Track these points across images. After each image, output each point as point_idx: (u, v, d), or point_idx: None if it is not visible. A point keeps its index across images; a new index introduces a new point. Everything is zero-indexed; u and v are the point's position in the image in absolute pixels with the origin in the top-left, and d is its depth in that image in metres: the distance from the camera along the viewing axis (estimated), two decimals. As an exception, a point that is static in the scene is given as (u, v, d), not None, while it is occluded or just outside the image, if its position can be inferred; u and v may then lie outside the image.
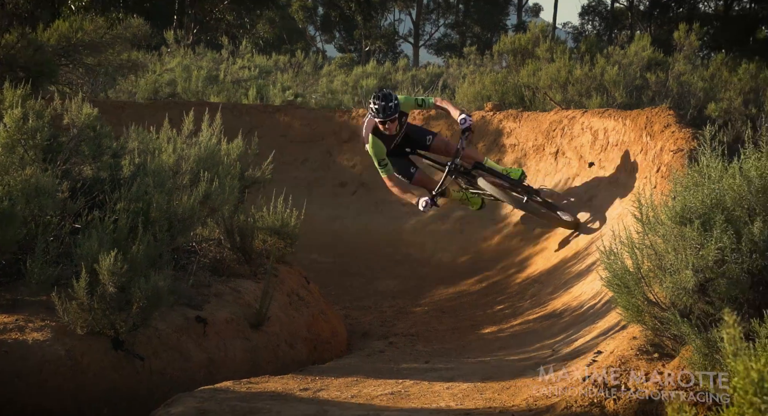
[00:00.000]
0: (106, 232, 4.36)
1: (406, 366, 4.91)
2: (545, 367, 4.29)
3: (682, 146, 5.63)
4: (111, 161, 5.13)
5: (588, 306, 5.34)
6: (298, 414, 3.59)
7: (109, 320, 4.20)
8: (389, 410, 3.70)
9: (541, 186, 7.45)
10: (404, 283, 7.82)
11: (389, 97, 6.68)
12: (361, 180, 9.32)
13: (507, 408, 3.54)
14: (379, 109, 6.64)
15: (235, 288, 5.21)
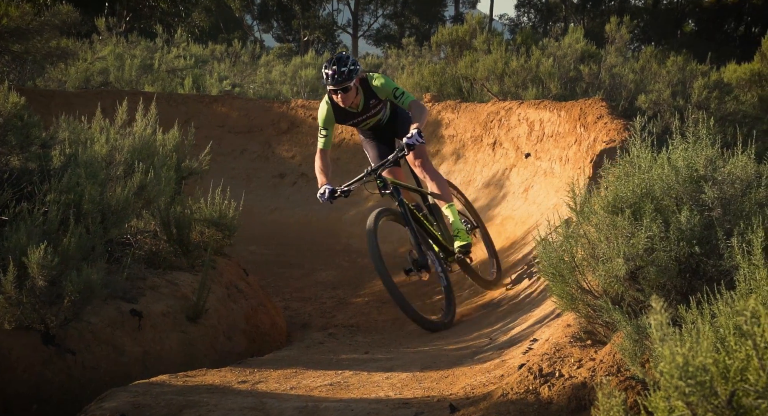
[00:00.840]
0: (36, 224, 4.24)
1: (345, 357, 4.92)
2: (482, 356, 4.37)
3: (614, 136, 5.77)
4: (40, 151, 4.98)
5: (524, 295, 5.43)
6: (235, 407, 3.55)
7: (39, 314, 4.09)
8: (328, 401, 3.70)
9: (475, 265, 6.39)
10: (344, 274, 7.82)
11: (343, 61, 5.68)
12: (301, 171, 9.28)
13: (445, 397, 3.57)
14: (330, 75, 5.68)
15: (171, 281, 5.13)
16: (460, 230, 5.84)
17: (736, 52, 19.37)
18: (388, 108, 6.01)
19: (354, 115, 5.88)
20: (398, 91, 5.75)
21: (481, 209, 7.74)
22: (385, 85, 5.79)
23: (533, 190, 7.18)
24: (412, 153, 5.80)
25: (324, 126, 5.83)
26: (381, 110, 5.95)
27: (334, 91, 5.64)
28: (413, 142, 5.37)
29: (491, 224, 7.42)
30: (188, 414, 3.46)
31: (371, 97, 5.85)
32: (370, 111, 5.88)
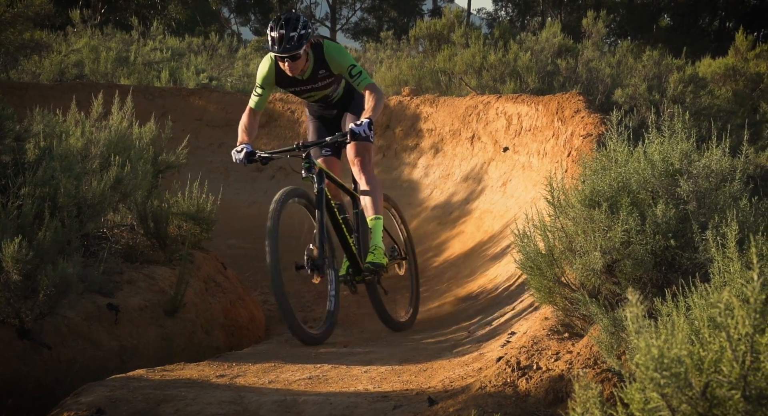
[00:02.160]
0: (10, 218, 4.19)
1: (324, 351, 4.92)
2: (461, 349, 4.39)
3: (591, 130, 5.81)
4: (14, 144, 4.92)
5: (503, 288, 5.46)
6: (213, 401, 3.54)
7: (14, 308, 4.05)
8: (307, 394, 3.70)
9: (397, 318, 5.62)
10: (322, 268, 7.79)
11: (292, 23, 4.83)
12: (279, 165, 9.24)
13: (424, 390, 3.59)
14: (276, 39, 4.84)
15: (149, 275, 5.10)
16: (378, 247, 5.07)
17: (710, 47, 19.58)
18: (341, 86, 5.26)
19: (298, 82, 5.08)
20: (354, 69, 4.96)
21: (460, 203, 7.78)
22: (339, 58, 4.98)
23: (511, 184, 7.21)
24: (353, 149, 5.11)
25: (261, 85, 5.11)
26: (331, 86, 5.17)
27: (280, 57, 4.86)
28: (359, 132, 4.69)
29: (470, 218, 7.44)
30: (166, 408, 3.45)
31: (321, 67, 5.04)
32: (317, 83, 5.11)
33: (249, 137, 5.00)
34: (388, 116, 9.08)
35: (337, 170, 5.31)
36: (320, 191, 4.88)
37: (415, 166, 8.63)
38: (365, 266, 5.06)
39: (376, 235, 5.13)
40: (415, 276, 5.88)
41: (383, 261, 5.08)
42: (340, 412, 3.38)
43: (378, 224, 5.15)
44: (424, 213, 8.10)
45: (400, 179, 8.64)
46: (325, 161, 5.22)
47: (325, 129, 5.41)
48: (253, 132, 5.06)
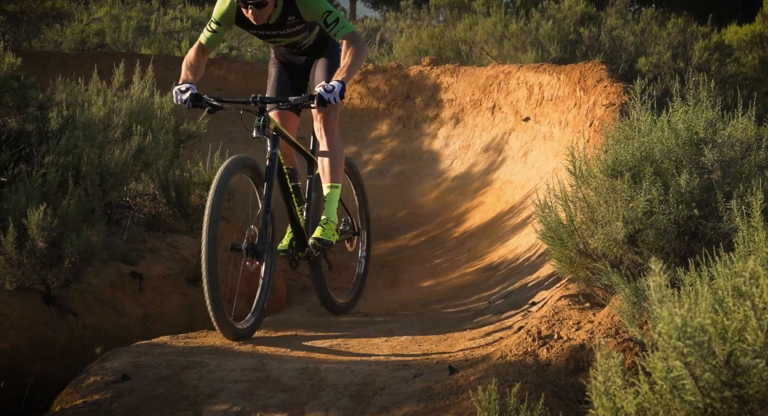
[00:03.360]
0: (34, 186, 4.24)
1: (345, 320, 4.96)
2: (481, 319, 4.41)
3: (614, 100, 5.74)
4: (37, 113, 4.96)
5: (523, 259, 5.45)
6: (236, 368, 3.59)
7: (40, 275, 4.11)
8: (328, 362, 3.74)
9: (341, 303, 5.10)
10: (342, 238, 7.82)
11: None
12: (299, 135, 9.23)
13: (444, 359, 3.61)
14: None
15: (171, 244, 5.15)
16: (330, 221, 4.41)
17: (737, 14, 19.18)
18: (314, 34, 4.54)
19: (262, 25, 4.38)
20: (330, 17, 4.25)
21: (480, 173, 7.74)
22: (312, 4, 4.29)
23: (532, 154, 7.16)
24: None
25: (218, 21, 4.39)
26: (300, 33, 4.47)
27: (243, 4, 4.19)
28: (329, 99, 4.04)
29: (490, 189, 7.42)
30: (190, 374, 3.50)
31: (291, 13, 4.35)
32: (285, 29, 4.40)
33: (194, 75, 4.29)
34: (408, 87, 9.03)
35: (293, 128, 4.65)
36: (273, 157, 4.12)
37: (436, 136, 8.60)
38: (311, 242, 4.36)
39: (330, 206, 4.44)
40: (365, 256, 5.24)
41: (332, 239, 4.38)
42: (362, 380, 3.41)
43: (334, 193, 4.47)
44: (445, 184, 8.08)
45: (420, 149, 8.62)
46: (280, 115, 4.55)
47: (290, 80, 4.69)
48: (199, 72, 4.35)
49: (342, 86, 4.05)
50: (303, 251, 4.50)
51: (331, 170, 4.49)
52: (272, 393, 3.34)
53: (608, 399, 1.84)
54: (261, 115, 4.11)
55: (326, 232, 4.38)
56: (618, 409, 1.80)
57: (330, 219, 4.42)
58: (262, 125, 4.09)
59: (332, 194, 4.47)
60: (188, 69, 4.32)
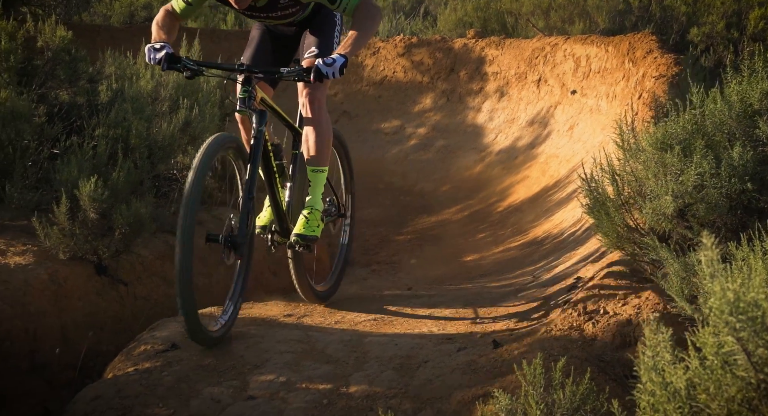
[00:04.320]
0: (86, 158, 4.33)
1: (388, 293, 4.98)
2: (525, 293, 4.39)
3: (664, 71, 5.60)
4: (87, 86, 5.04)
5: (569, 233, 5.40)
6: (282, 339, 3.64)
7: (92, 245, 4.20)
8: (372, 335, 3.77)
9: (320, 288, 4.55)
10: (386, 212, 7.84)
11: None
12: (343, 109, 9.23)
13: (488, 333, 3.61)
14: None
15: (217, 216, 5.21)
16: (315, 210, 3.91)
17: (795, -15, 18.45)
18: (308, 10, 3.95)
19: (250, 7, 3.79)
20: None
21: (525, 147, 7.66)
22: None
23: (578, 128, 7.05)
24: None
25: None
26: (293, 15, 3.89)
27: None
28: (327, 73, 3.42)
29: (535, 163, 7.34)
30: (237, 344, 3.56)
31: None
32: (276, 12, 3.82)
33: (168, 35, 3.68)
34: (452, 60, 8.94)
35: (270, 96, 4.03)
36: (258, 135, 3.58)
37: (480, 110, 8.52)
38: (293, 239, 3.87)
39: (315, 192, 3.94)
40: (348, 240, 4.72)
41: (317, 233, 3.87)
42: (405, 352, 3.43)
43: (320, 178, 3.94)
44: (488, 158, 8.02)
45: (464, 123, 8.55)
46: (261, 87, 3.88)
47: (272, 50, 4.09)
48: (172, 32, 3.73)
49: (344, 61, 3.42)
50: (284, 237, 3.97)
51: (317, 152, 3.90)
52: (317, 364, 3.37)
53: (657, 374, 1.82)
54: (247, 85, 3.51)
55: (310, 224, 3.87)
56: (667, 384, 1.78)
57: (314, 207, 3.91)
58: (248, 97, 3.52)
59: (317, 178, 3.93)
60: (160, 28, 3.69)
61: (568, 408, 2.23)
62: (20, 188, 4.35)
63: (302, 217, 3.90)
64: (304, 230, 3.86)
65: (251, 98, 3.53)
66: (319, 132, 3.89)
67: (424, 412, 2.92)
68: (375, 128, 8.89)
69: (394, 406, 2.94)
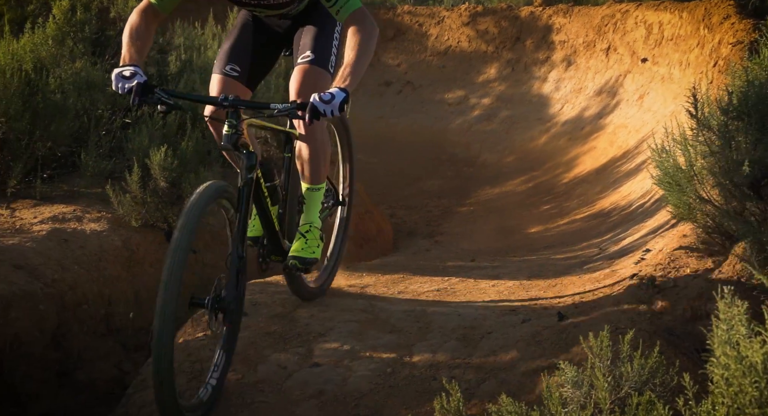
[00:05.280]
0: (156, 128, 4.42)
1: (451, 264, 4.97)
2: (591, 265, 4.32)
3: (742, 37, 5.38)
4: (158, 56, 5.13)
5: (637, 205, 5.29)
6: (346, 308, 3.68)
7: (162, 213, 4.32)
8: (435, 305, 3.77)
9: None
10: (449, 183, 7.81)
11: None
12: (407, 79, 9.19)
13: (553, 305, 3.57)
14: None
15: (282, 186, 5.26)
16: (313, 228, 3.48)
17: None
18: (305, 2, 3.42)
19: None
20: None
21: (592, 117, 7.52)
22: None
23: (649, 97, 6.87)
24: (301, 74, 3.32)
25: None
26: (289, 5, 3.37)
27: None
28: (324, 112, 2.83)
29: (602, 133, 7.20)
30: (301, 313, 3.61)
31: None
32: (270, 0, 3.32)
33: (140, 53, 3.05)
34: (518, 28, 8.80)
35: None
36: (248, 182, 3.01)
37: (546, 80, 8.37)
38: (291, 263, 3.41)
39: (311, 209, 3.51)
40: (343, 234, 4.11)
41: (317, 254, 3.43)
42: (469, 323, 3.43)
43: (316, 196, 3.51)
44: (554, 129, 7.90)
45: (529, 93, 8.42)
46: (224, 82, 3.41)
47: (256, 46, 3.50)
48: (146, 46, 3.12)
49: (345, 96, 2.85)
50: (278, 255, 3.46)
51: (313, 170, 3.46)
52: (381, 333, 3.40)
53: (732, 348, 1.77)
54: (233, 120, 2.93)
55: (309, 244, 3.42)
56: (742, 358, 1.73)
57: (312, 225, 3.48)
58: (233, 134, 2.92)
59: (314, 197, 3.50)
60: (132, 42, 3.05)
61: (636, 381, 2.20)
62: (95, 157, 4.48)
63: (299, 236, 3.43)
64: (302, 251, 3.41)
65: (236, 135, 2.94)
66: (314, 148, 3.43)
67: (488, 383, 2.92)
68: (438, 99, 8.83)
69: (458, 376, 2.95)
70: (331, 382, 3.06)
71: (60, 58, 4.64)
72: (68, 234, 4.07)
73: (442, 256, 5.55)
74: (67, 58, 4.67)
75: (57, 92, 4.39)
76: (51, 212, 4.15)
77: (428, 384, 2.99)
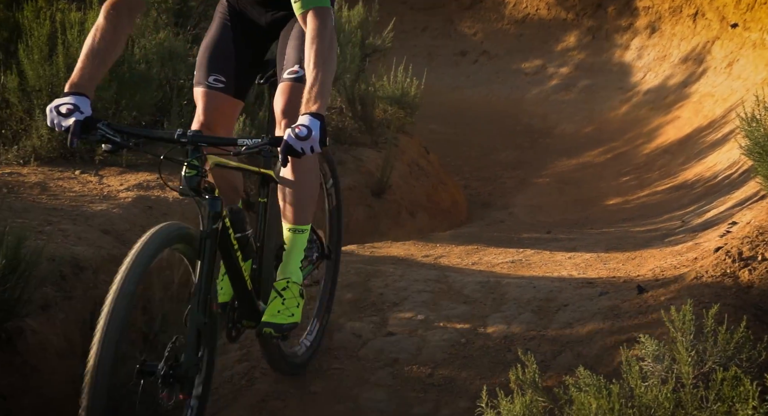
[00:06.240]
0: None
1: (526, 236, 4.93)
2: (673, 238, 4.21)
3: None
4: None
5: (723, 177, 5.14)
6: (419, 279, 3.69)
7: (242, 183, 4.39)
8: (510, 277, 3.75)
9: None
10: (524, 154, 7.72)
11: None
12: (483, 48, 9.07)
13: (632, 278, 3.50)
14: None
15: (356, 157, 5.31)
16: (292, 283, 2.78)
17: None
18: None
19: None
20: None
21: (676, 86, 7.29)
22: None
23: (738, 64, 6.62)
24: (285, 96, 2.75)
25: None
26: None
27: None
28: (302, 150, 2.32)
29: (687, 103, 6.99)
30: (375, 282, 3.65)
31: None
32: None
33: (93, 73, 2.49)
34: (600, -6, 8.58)
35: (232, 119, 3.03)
36: (211, 234, 2.44)
37: (628, 48, 8.15)
38: (265, 331, 2.72)
39: (292, 257, 2.82)
40: (329, 294, 3.30)
41: (296, 318, 2.75)
42: (544, 295, 3.40)
43: (299, 240, 2.83)
44: (635, 98, 7.70)
45: (610, 62, 8.22)
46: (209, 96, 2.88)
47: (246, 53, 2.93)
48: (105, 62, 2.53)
49: (320, 125, 2.32)
50: (251, 319, 2.78)
51: (296, 207, 2.82)
52: (454, 304, 3.41)
53: (825, 325, 1.69)
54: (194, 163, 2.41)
55: (287, 305, 2.75)
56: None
57: (291, 280, 2.78)
58: (195, 175, 2.41)
59: (296, 241, 2.83)
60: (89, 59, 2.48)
61: (721, 357, 2.13)
62: (177, 126, 4.57)
63: (275, 295, 2.76)
64: (278, 315, 2.73)
65: (199, 177, 2.42)
66: (301, 180, 2.82)
67: (564, 355, 2.89)
68: (515, 68, 8.69)
69: (533, 348, 2.93)
70: (405, 351, 3.09)
71: (144, 28, 4.75)
72: (152, 201, 4.15)
73: (516, 228, 5.51)
74: (151, 29, 4.77)
75: (141, 63, 4.49)
76: (136, 180, 4.26)
77: (503, 356, 2.99)
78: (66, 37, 4.26)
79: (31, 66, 4.25)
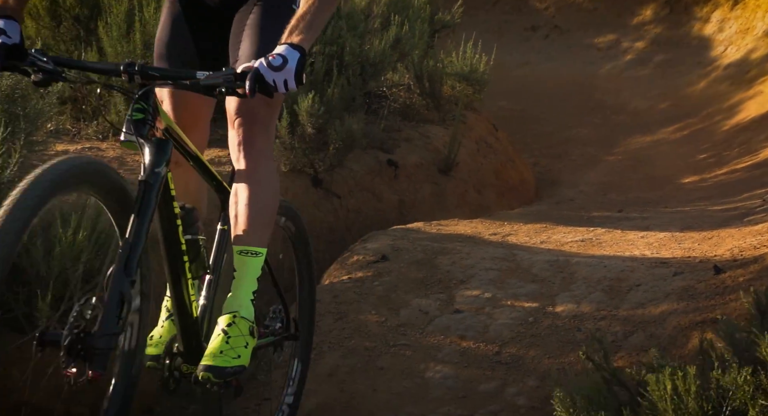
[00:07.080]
0: (305, 74, 4.51)
1: (597, 215, 4.84)
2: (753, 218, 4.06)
3: None
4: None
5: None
6: (487, 257, 3.66)
7: (309, 159, 4.45)
8: (579, 256, 3.69)
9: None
10: (596, 131, 7.55)
11: None
12: (554, 23, 8.87)
13: (708, 258, 3.40)
14: None
15: (424, 134, 5.28)
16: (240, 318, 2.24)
17: None
18: None
19: None
20: None
21: (760, 60, 7.01)
22: None
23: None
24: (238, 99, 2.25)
25: None
26: None
27: None
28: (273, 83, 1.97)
29: None
30: (442, 259, 3.64)
31: None
32: None
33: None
34: (676, -36, 8.28)
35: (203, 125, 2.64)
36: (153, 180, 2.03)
37: (708, 20, 7.86)
38: (202, 375, 2.16)
39: (242, 286, 2.30)
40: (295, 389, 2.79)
41: (242, 360, 2.20)
42: (615, 275, 3.34)
43: (252, 265, 2.33)
44: (715, 73, 7.44)
45: (689, 36, 7.94)
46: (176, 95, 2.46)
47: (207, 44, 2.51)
48: None
49: (299, 58, 2.00)
50: (192, 363, 2.25)
51: (249, 224, 2.35)
52: (522, 282, 3.38)
53: None
54: (142, 99, 2.04)
55: (231, 344, 2.20)
56: None
57: (239, 314, 2.25)
58: (141, 119, 2.03)
59: (248, 265, 2.32)
60: None
61: (803, 340, 2.05)
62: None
63: (219, 332, 2.22)
64: (220, 357, 2.18)
65: (147, 121, 2.04)
66: (255, 192, 2.38)
67: (636, 336, 2.84)
68: (587, 43, 8.47)
69: (603, 328, 2.89)
70: (473, 329, 3.08)
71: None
72: (225, 177, 4.28)
73: (586, 206, 5.41)
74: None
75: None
76: (209, 156, 4.34)
77: (572, 335, 2.95)
78: (143, 14, 4.34)
79: (110, 43, 4.34)
